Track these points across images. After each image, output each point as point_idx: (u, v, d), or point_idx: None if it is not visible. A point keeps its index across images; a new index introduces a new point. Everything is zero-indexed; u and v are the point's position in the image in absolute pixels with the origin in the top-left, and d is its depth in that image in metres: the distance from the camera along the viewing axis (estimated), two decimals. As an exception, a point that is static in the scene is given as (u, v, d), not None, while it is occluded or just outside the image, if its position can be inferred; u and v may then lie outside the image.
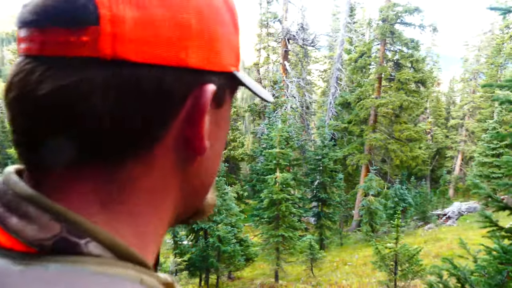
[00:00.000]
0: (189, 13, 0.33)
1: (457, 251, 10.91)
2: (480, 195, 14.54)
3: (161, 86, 0.32)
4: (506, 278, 3.82)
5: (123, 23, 0.30)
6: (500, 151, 20.45)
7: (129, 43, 0.30)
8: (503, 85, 3.59)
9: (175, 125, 0.35)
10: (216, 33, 0.36)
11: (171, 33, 0.32)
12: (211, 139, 0.38)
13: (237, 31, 0.40)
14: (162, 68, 0.32)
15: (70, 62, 0.30)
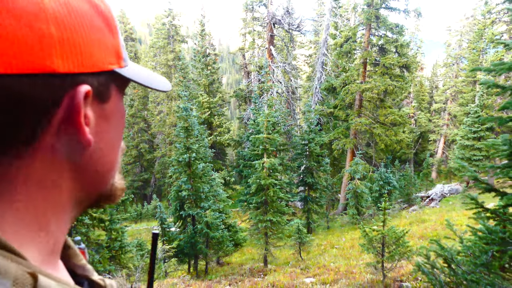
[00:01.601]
0: (48, 24, 0.36)
1: (441, 232, 11.22)
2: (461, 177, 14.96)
3: (28, 92, 0.35)
4: (491, 257, 3.94)
5: None
6: (481, 134, 20.92)
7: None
8: (491, 69, 3.63)
9: (52, 124, 0.38)
10: (83, 38, 0.39)
11: (32, 44, 0.35)
12: (99, 132, 0.44)
13: (112, 32, 0.44)
14: (28, 76, 0.35)
15: None
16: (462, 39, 34.22)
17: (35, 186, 0.39)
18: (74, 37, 0.38)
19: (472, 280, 3.57)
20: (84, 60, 0.39)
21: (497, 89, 3.75)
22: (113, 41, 0.44)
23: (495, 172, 3.82)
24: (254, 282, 9.02)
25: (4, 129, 0.36)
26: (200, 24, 29.85)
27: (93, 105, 0.42)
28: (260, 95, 23.18)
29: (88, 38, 0.40)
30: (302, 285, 8.12)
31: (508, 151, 3.56)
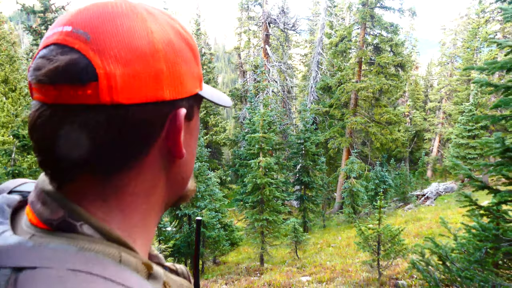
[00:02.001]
0: (161, 62, 0.45)
1: (436, 230, 11.28)
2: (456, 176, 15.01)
3: (146, 118, 0.45)
4: (485, 254, 3.97)
5: (114, 78, 0.42)
6: (475, 132, 21.05)
7: (121, 92, 0.42)
8: (484, 68, 3.65)
9: (158, 141, 0.48)
10: (181, 70, 0.48)
11: (150, 79, 0.44)
12: (186, 145, 0.52)
13: (197, 61, 0.52)
14: (146, 105, 0.44)
15: (80, 107, 0.42)
16: (457, 38, 34.41)
17: (141, 193, 0.49)
18: (176, 70, 0.47)
19: (466, 277, 3.60)
20: (180, 89, 0.48)
21: (490, 88, 3.78)
22: (198, 68, 0.52)
23: (488, 170, 3.85)
24: (251, 281, 9.03)
25: (127, 147, 0.45)
26: (195, 23, 29.79)
27: (185, 122, 0.51)
28: (256, 94, 23.19)
29: (183, 70, 0.48)
30: (299, 284, 8.14)
31: (500, 149, 3.59)
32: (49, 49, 0.43)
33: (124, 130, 0.44)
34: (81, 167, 0.44)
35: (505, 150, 3.50)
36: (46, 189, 0.47)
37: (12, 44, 28.16)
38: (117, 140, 0.44)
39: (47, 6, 8.67)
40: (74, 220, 0.44)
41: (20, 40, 48.49)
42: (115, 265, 0.42)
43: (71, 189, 0.46)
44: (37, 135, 0.44)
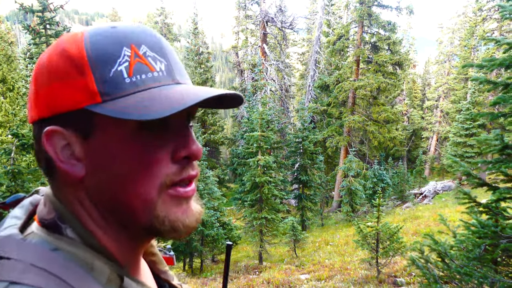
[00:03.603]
0: (32, 85, 0.50)
1: (434, 228, 11.31)
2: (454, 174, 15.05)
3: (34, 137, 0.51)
4: (484, 251, 3.99)
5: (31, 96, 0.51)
6: (473, 131, 21.10)
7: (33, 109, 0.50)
8: (482, 65, 3.67)
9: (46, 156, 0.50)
10: (50, 86, 0.47)
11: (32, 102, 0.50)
12: (94, 165, 0.49)
13: (83, 72, 0.47)
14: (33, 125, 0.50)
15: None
16: (454, 37, 34.47)
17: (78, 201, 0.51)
18: (43, 89, 0.48)
19: (465, 273, 3.61)
20: (50, 106, 0.47)
21: (489, 85, 3.79)
22: (83, 80, 0.46)
23: (487, 167, 3.86)
24: (250, 279, 9.04)
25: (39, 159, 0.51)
26: (192, 22, 29.74)
27: (77, 141, 0.48)
28: (254, 93, 23.18)
29: (54, 86, 0.47)
30: (297, 282, 8.15)
31: (499, 146, 3.61)
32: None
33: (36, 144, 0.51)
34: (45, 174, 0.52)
35: (504, 147, 3.51)
36: (47, 192, 0.52)
37: (9, 43, 28.02)
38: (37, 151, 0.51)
39: (46, 5, 8.64)
40: (61, 223, 0.49)
41: (17, 39, 48.31)
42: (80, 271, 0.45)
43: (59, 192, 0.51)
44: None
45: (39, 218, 0.50)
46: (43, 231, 0.48)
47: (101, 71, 0.46)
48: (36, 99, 0.48)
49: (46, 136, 0.47)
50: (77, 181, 0.49)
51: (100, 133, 0.48)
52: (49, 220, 0.49)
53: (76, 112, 0.47)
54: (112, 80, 0.46)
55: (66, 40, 0.49)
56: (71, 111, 0.47)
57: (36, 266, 0.42)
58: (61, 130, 0.47)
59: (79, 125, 0.48)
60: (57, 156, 0.48)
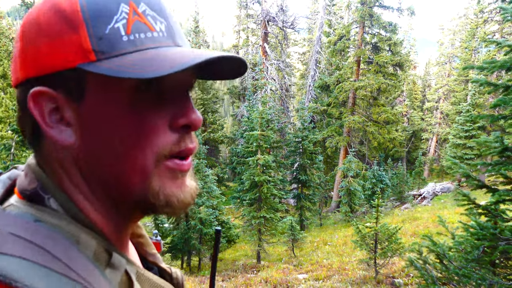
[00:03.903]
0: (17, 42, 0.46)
1: (433, 229, 11.32)
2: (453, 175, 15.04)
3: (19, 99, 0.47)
4: (482, 253, 3.99)
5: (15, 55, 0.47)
6: (473, 133, 21.10)
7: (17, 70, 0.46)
8: (483, 67, 3.67)
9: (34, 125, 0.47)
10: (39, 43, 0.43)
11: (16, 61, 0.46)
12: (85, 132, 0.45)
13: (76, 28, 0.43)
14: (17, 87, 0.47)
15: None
16: (455, 38, 34.46)
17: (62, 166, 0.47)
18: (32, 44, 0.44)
19: (463, 275, 3.62)
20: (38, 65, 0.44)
21: (489, 87, 3.79)
22: (76, 37, 0.43)
23: (487, 169, 3.87)
24: (247, 278, 9.05)
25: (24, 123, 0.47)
26: (194, 20, 29.72)
27: (67, 104, 0.45)
28: (254, 92, 23.17)
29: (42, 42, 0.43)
30: (295, 281, 8.16)
31: (499, 148, 3.61)
32: None
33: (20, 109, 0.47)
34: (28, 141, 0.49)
35: (503, 150, 3.51)
36: (29, 162, 0.49)
37: (10, 39, 27.97)
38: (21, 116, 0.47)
39: (47, 0, 8.65)
40: (43, 193, 0.45)
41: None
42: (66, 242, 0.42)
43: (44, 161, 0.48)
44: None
45: (19, 190, 0.46)
46: (24, 203, 0.45)
47: (96, 27, 0.43)
48: (23, 58, 0.45)
49: (33, 97, 0.43)
50: (66, 149, 0.46)
51: (93, 95, 0.45)
52: (30, 190, 0.45)
53: (67, 71, 0.43)
54: (108, 37, 0.43)
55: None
56: (61, 70, 0.43)
57: (16, 235, 0.39)
58: (50, 91, 0.44)
59: (70, 86, 0.44)
60: (44, 120, 0.44)
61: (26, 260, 0.37)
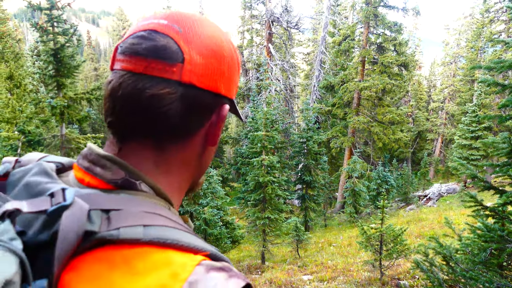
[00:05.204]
0: (224, 65, 0.60)
1: (438, 230, 11.25)
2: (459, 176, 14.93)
3: (207, 102, 0.58)
4: (489, 255, 3.95)
5: (196, 64, 0.55)
6: (479, 133, 20.94)
7: (196, 76, 0.55)
8: (491, 67, 3.64)
9: (205, 125, 0.61)
10: (233, 76, 0.62)
11: (216, 75, 0.58)
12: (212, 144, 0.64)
13: (239, 75, 0.66)
14: (209, 92, 0.58)
15: (164, 80, 0.53)
16: (460, 38, 34.24)
17: (182, 166, 0.61)
18: (230, 75, 0.62)
19: (470, 277, 3.58)
20: (230, 90, 0.62)
21: (496, 88, 3.76)
22: (238, 80, 0.66)
23: (494, 170, 3.83)
24: (252, 278, 9.04)
25: (189, 122, 0.58)
26: (198, 21, 29.75)
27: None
28: (259, 93, 23.18)
29: (233, 77, 0.63)
30: (300, 282, 8.14)
31: (507, 149, 3.58)
32: (147, 32, 0.55)
33: (191, 107, 0.56)
34: (146, 131, 0.56)
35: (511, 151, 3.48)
36: (104, 155, 0.56)
37: (17, 41, 28.19)
38: (184, 114, 0.56)
39: (53, 3, 8.66)
40: (133, 179, 0.55)
41: (25, 37, 48.62)
42: (169, 212, 0.55)
43: (129, 154, 0.57)
44: (116, 98, 0.55)
45: (107, 180, 0.54)
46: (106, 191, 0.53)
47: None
48: (228, 77, 0.61)
49: (224, 110, 0.61)
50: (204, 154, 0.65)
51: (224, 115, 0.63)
52: (121, 179, 0.54)
53: (230, 99, 0.64)
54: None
55: (230, 40, 0.64)
56: (230, 98, 0.64)
57: (149, 212, 0.50)
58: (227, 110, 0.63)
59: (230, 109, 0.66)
60: (219, 132, 0.63)
61: (167, 227, 0.49)
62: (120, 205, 0.49)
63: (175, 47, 0.54)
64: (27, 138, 8.29)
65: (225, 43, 0.60)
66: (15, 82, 15.33)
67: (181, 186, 0.64)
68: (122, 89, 0.54)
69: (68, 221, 0.44)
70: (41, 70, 9.45)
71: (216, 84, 0.58)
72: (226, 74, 0.60)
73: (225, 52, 0.60)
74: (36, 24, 8.46)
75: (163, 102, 0.54)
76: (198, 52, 0.56)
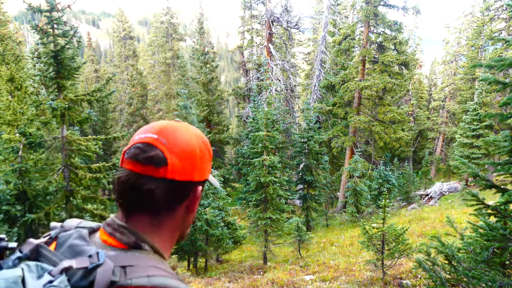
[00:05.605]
0: (197, 161, 0.87)
1: (440, 229, 11.24)
2: (460, 175, 14.91)
3: (184, 188, 0.86)
4: (492, 254, 3.94)
5: (175, 166, 0.82)
6: (480, 132, 20.90)
7: (176, 174, 0.82)
8: (492, 65, 3.62)
9: (185, 202, 0.88)
10: (204, 165, 0.89)
11: (190, 168, 0.85)
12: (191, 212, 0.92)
13: (210, 159, 0.93)
14: (185, 182, 0.84)
15: (155, 179, 0.81)
16: (461, 37, 34.19)
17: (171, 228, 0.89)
18: (202, 165, 0.88)
19: (473, 276, 3.57)
20: (201, 176, 0.89)
21: (497, 86, 3.75)
22: (210, 164, 0.93)
23: (496, 169, 3.82)
24: (254, 279, 9.03)
25: (172, 201, 0.85)
26: (198, 22, 29.76)
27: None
28: (259, 93, 23.17)
29: (205, 166, 0.90)
30: (302, 282, 8.13)
31: (509, 147, 3.57)
32: (144, 145, 0.82)
33: (174, 193, 0.84)
34: (145, 208, 0.83)
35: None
36: (122, 224, 0.83)
37: (17, 43, 28.22)
38: (169, 197, 0.83)
39: (53, 5, 8.66)
40: (141, 242, 0.81)
41: (25, 39, 48.68)
42: (163, 264, 0.80)
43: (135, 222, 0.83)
44: (123, 188, 0.82)
45: (124, 243, 0.80)
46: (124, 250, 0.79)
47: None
48: (201, 169, 0.88)
49: (197, 191, 0.90)
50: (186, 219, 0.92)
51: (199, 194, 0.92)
52: (132, 243, 0.80)
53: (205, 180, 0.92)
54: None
55: (201, 134, 0.92)
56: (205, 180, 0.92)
57: (152, 266, 0.76)
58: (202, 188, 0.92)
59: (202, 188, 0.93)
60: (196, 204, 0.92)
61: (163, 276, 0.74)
62: (133, 262, 0.75)
63: (162, 156, 0.80)
64: (28, 140, 8.28)
65: (196, 143, 0.87)
66: (16, 84, 15.34)
67: (171, 241, 0.90)
68: (129, 183, 0.81)
69: (100, 275, 0.69)
70: (42, 72, 9.45)
71: (191, 176, 0.85)
72: (199, 166, 0.87)
73: (197, 150, 0.86)
74: (36, 26, 8.46)
75: (154, 192, 0.80)
76: (177, 157, 0.82)
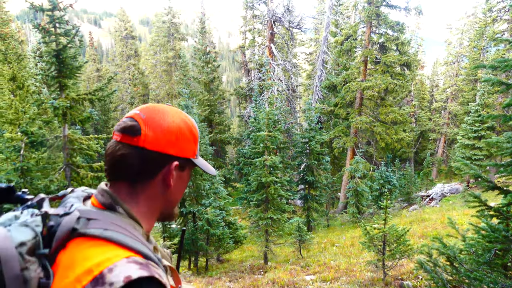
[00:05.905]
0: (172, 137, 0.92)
1: (441, 231, 11.21)
2: (462, 176, 14.83)
3: (157, 158, 0.91)
4: (494, 256, 3.93)
5: (148, 136, 0.89)
6: (482, 133, 20.83)
7: (148, 143, 0.89)
8: (495, 66, 3.61)
9: (161, 173, 0.92)
10: (181, 143, 0.94)
11: (164, 142, 0.91)
12: (176, 184, 0.97)
13: (195, 142, 0.99)
14: (160, 153, 0.90)
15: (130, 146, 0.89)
16: (463, 38, 34.13)
17: (149, 199, 0.93)
18: (178, 142, 0.93)
19: (474, 278, 3.56)
20: (179, 151, 0.94)
21: (500, 87, 3.73)
22: (194, 146, 0.99)
23: (498, 170, 3.81)
24: (255, 279, 9.02)
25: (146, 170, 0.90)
26: (200, 21, 29.76)
27: (176, 170, 0.95)
28: (261, 93, 23.15)
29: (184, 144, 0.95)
30: (302, 283, 8.12)
31: (511, 148, 3.55)
32: (128, 119, 0.91)
33: (145, 161, 0.89)
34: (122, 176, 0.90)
35: (516, 150, 3.45)
36: (104, 188, 0.91)
37: (19, 42, 28.25)
38: (141, 165, 0.89)
39: (55, 4, 8.68)
40: (115, 204, 0.89)
41: (27, 38, 48.74)
42: (132, 227, 0.86)
43: (116, 188, 0.91)
44: (108, 157, 0.91)
45: (102, 203, 0.89)
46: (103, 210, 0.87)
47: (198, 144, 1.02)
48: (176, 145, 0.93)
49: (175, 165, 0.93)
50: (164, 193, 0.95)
51: (185, 171, 0.99)
52: (108, 204, 0.88)
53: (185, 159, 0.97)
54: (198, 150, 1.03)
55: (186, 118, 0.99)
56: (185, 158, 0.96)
57: (114, 223, 0.82)
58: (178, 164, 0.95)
59: (184, 165, 0.97)
60: (173, 177, 0.94)
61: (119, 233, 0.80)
62: (99, 217, 0.83)
63: (138, 127, 0.88)
64: (30, 139, 8.28)
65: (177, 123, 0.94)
66: (18, 83, 15.37)
67: (150, 212, 0.95)
68: (109, 150, 0.90)
69: (65, 221, 0.80)
70: (44, 71, 9.47)
71: (164, 148, 0.90)
72: (174, 141, 0.92)
73: (174, 128, 0.92)
74: (38, 25, 8.48)
75: (128, 158, 0.88)
76: (152, 130, 0.89)
